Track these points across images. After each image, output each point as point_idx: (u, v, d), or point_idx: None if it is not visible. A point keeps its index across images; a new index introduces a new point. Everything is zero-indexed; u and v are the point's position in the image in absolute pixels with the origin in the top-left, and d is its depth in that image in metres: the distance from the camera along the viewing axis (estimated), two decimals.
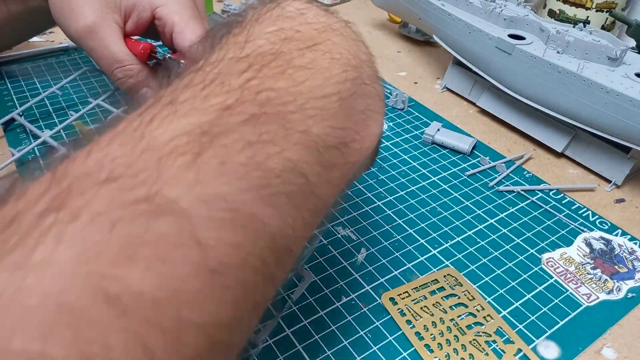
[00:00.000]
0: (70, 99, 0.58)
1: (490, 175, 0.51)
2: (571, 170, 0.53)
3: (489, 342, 0.35)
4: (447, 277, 0.40)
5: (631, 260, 0.43)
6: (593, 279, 0.41)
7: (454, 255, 0.42)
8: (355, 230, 0.44)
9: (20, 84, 0.60)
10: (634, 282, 0.41)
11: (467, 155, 0.53)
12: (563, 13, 0.71)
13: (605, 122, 0.47)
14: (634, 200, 0.49)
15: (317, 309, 0.37)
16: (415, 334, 0.35)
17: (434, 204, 0.47)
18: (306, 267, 0.40)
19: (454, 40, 0.59)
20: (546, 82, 0.50)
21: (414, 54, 0.73)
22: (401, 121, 0.58)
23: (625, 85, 0.46)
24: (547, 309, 0.38)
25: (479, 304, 0.38)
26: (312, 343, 0.35)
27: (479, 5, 0.57)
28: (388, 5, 0.71)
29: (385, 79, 0.66)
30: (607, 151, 0.51)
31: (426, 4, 0.61)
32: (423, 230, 0.44)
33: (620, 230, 0.46)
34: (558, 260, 0.42)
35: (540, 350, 0.35)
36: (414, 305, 0.37)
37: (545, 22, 0.54)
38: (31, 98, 0.57)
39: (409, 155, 0.53)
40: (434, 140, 0.54)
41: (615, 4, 0.69)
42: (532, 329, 0.37)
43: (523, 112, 0.57)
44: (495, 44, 0.54)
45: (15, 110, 0.55)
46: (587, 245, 0.44)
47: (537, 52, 0.51)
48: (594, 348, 0.36)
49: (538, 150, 0.55)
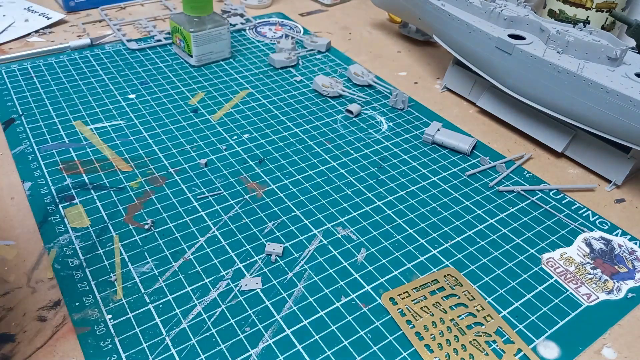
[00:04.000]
0: (70, 98, 0.58)
1: (490, 175, 0.51)
2: (571, 170, 0.53)
3: (489, 342, 0.35)
4: (447, 277, 0.40)
5: (631, 260, 0.43)
6: (593, 279, 0.41)
7: (454, 255, 0.42)
8: (355, 230, 0.44)
9: (20, 84, 0.60)
10: (634, 282, 0.41)
11: (467, 155, 0.53)
12: (563, 13, 0.71)
13: (605, 122, 0.47)
14: (634, 200, 0.49)
15: (317, 309, 0.37)
16: (415, 334, 0.35)
17: (434, 204, 0.47)
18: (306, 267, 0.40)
19: (454, 40, 0.59)
20: (546, 82, 0.50)
21: (414, 54, 0.73)
22: (401, 121, 0.58)
23: (625, 85, 0.46)
24: (547, 309, 0.38)
25: (479, 304, 0.38)
26: (312, 343, 0.35)
27: (479, 5, 0.57)
28: (388, 5, 0.71)
29: (385, 79, 0.66)
30: (607, 151, 0.51)
31: (426, 4, 0.61)
32: (423, 230, 0.44)
33: (620, 230, 0.46)
34: (558, 260, 0.42)
35: (540, 350, 0.35)
36: (414, 305, 0.37)
37: (545, 22, 0.54)
38: (31, 98, 0.57)
39: (409, 155, 0.53)
40: (434, 140, 0.54)
41: (615, 4, 0.69)
42: (532, 329, 0.37)
43: (523, 112, 0.57)
44: (495, 44, 0.54)
45: (15, 110, 0.55)
46: (587, 245, 0.44)
47: (537, 52, 0.51)
48: (594, 348, 0.36)
49: (538, 150, 0.55)
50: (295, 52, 0.70)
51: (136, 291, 0.38)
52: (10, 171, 0.48)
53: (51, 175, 0.47)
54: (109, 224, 0.43)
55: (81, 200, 0.45)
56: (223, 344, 0.34)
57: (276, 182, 0.48)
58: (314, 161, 0.51)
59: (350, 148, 0.53)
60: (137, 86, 0.61)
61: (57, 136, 0.52)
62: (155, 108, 0.57)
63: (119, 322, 0.35)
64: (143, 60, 0.66)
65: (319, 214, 0.45)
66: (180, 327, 0.35)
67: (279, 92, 0.62)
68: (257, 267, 0.40)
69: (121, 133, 0.53)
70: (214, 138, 0.54)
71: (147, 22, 0.76)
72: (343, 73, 0.67)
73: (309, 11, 0.84)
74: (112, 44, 0.70)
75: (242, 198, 0.46)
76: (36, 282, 0.38)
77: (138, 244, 0.41)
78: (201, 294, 0.38)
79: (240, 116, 0.57)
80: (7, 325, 0.35)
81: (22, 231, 0.42)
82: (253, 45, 0.72)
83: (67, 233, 0.42)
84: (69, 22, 0.75)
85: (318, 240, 0.43)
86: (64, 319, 0.36)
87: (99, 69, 0.64)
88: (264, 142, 0.54)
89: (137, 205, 0.45)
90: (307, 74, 0.66)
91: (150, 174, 0.48)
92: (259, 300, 0.38)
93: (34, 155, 0.49)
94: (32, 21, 0.73)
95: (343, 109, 0.59)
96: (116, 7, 0.80)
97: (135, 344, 0.34)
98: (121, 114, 0.56)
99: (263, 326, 0.36)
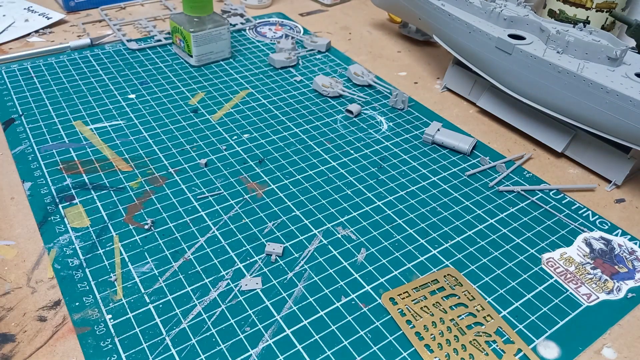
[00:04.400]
0: (70, 98, 0.58)
1: (490, 175, 0.51)
2: (571, 170, 0.53)
3: (489, 342, 0.35)
4: (447, 277, 0.40)
5: (631, 260, 0.43)
6: (593, 279, 0.41)
7: (454, 255, 0.42)
8: (355, 230, 0.44)
9: (20, 84, 0.60)
10: (634, 282, 0.41)
11: (467, 155, 0.53)
12: (563, 13, 0.71)
13: (605, 122, 0.47)
14: (634, 200, 0.49)
15: (317, 309, 0.37)
16: (415, 334, 0.35)
17: (434, 204, 0.47)
18: (306, 267, 0.40)
19: (454, 40, 0.59)
20: (546, 82, 0.50)
21: (414, 54, 0.73)
22: (401, 121, 0.58)
23: (625, 85, 0.46)
24: (547, 309, 0.38)
25: (479, 304, 0.38)
26: (312, 343, 0.35)
27: (479, 5, 0.57)
28: (388, 5, 0.71)
29: (385, 79, 0.66)
30: (607, 151, 0.51)
31: (426, 4, 0.61)
32: (423, 230, 0.44)
33: (620, 230, 0.46)
34: (558, 260, 0.42)
35: (540, 350, 0.35)
36: (414, 305, 0.37)
37: (545, 22, 0.54)
38: (31, 98, 0.57)
39: (409, 155, 0.53)
40: (434, 140, 0.54)
41: (615, 4, 0.69)
42: (532, 329, 0.37)
43: (523, 112, 0.57)
44: (495, 44, 0.54)
45: (15, 110, 0.55)
46: (587, 245, 0.44)
47: (537, 52, 0.51)
48: (594, 348, 0.36)
49: (538, 150, 0.55)
50: (295, 52, 0.70)
51: (136, 291, 0.38)
52: (10, 171, 0.48)
53: (51, 175, 0.47)
54: (109, 224, 0.43)
55: (81, 200, 0.45)
56: (223, 344, 0.34)
57: (276, 182, 0.48)
58: (314, 161, 0.51)
59: (350, 148, 0.53)
60: (137, 86, 0.61)
61: (57, 136, 0.52)
62: (155, 108, 0.57)
63: (119, 322, 0.35)
64: (143, 60, 0.66)
65: (319, 214, 0.45)
66: (180, 327, 0.35)
67: (279, 92, 0.62)
68: (257, 267, 0.40)
69: (121, 133, 0.53)
70: (214, 138, 0.54)
71: (147, 22, 0.76)
72: (343, 73, 0.67)
73: (309, 11, 0.84)
74: (112, 44, 0.70)
75: (242, 198, 0.46)
76: (36, 282, 0.38)
77: (138, 244, 0.41)
78: (201, 294, 0.38)
79: (240, 116, 0.57)
80: (7, 325, 0.35)
81: (22, 231, 0.42)
82: (253, 45, 0.72)
83: (67, 233, 0.42)
84: (69, 22, 0.75)
85: (318, 240, 0.43)
86: (64, 319, 0.36)
87: (99, 69, 0.64)
88: (264, 142, 0.54)
89: (137, 205, 0.45)
90: (307, 74, 0.66)
91: (150, 174, 0.48)
92: (259, 300, 0.38)
93: (34, 155, 0.49)
94: (32, 21, 0.73)
95: (343, 109, 0.59)
96: (116, 7, 0.80)
97: (135, 344, 0.34)
98: (121, 114, 0.56)
99: (263, 326, 0.36)
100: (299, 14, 0.83)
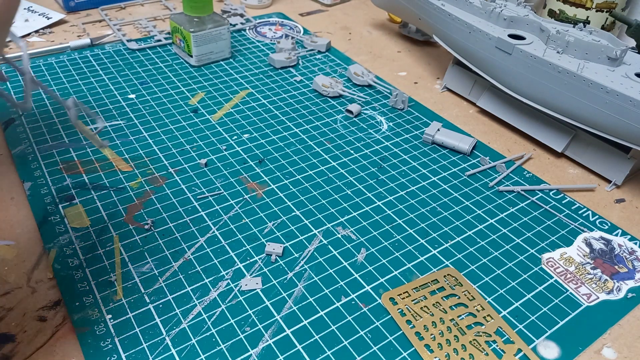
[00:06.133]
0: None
1: (490, 175, 0.51)
2: (571, 170, 0.53)
3: (489, 342, 0.35)
4: (447, 277, 0.40)
5: (631, 260, 0.43)
6: (593, 279, 0.41)
7: (454, 255, 0.42)
8: (355, 230, 0.44)
9: (20, 84, 0.60)
10: (634, 282, 0.41)
11: (467, 155, 0.53)
12: (563, 13, 0.71)
13: (605, 122, 0.47)
14: (634, 200, 0.49)
15: (317, 309, 0.37)
16: (415, 334, 0.35)
17: (434, 204, 0.47)
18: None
19: (454, 40, 0.59)
20: (546, 82, 0.50)
21: (414, 54, 0.73)
22: (401, 121, 0.58)
23: (625, 85, 0.46)
24: (547, 309, 0.38)
25: (479, 304, 0.38)
26: (312, 343, 0.35)
27: (479, 5, 0.57)
28: (388, 5, 0.71)
29: (385, 79, 0.66)
30: (607, 151, 0.51)
31: (426, 4, 0.61)
32: (423, 230, 0.44)
33: (620, 230, 0.46)
34: (558, 260, 0.42)
35: (540, 350, 0.35)
36: (414, 305, 0.37)
37: (545, 22, 0.54)
38: (31, 98, 0.57)
39: (409, 155, 0.53)
40: (434, 140, 0.54)
41: (615, 4, 0.69)
42: (532, 329, 0.37)
43: (523, 112, 0.57)
44: (495, 44, 0.54)
45: (15, 110, 0.55)
46: (587, 245, 0.44)
47: (537, 52, 0.51)
48: (594, 348, 0.36)
49: (538, 150, 0.55)
50: (295, 52, 0.70)
51: (136, 291, 0.38)
52: (10, 171, 0.48)
53: (51, 175, 0.47)
54: (109, 224, 0.43)
55: (81, 200, 0.45)
56: (223, 344, 0.34)
57: (276, 182, 0.48)
58: (314, 161, 0.51)
59: (350, 148, 0.53)
60: (137, 86, 0.61)
61: (57, 136, 0.52)
62: (155, 108, 0.57)
63: (119, 322, 0.35)
64: (143, 60, 0.66)
65: (319, 214, 0.45)
66: (180, 327, 0.35)
67: (279, 92, 0.62)
68: (257, 267, 0.40)
69: (121, 133, 0.53)
70: (214, 138, 0.53)
71: (147, 22, 0.76)
72: (343, 73, 0.67)
73: (309, 11, 0.84)
74: (112, 44, 0.70)
75: (242, 198, 0.46)
76: (36, 282, 0.38)
77: (138, 244, 0.41)
78: (201, 294, 0.38)
79: (240, 116, 0.57)
80: (7, 325, 0.35)
81: (22, 231, 0.42)
82: (253, 45, 0.72)
83: (67, 233, 0.42)
84: (69, 22, 0.75)
85: (318, 240, 0.43)
86: (64, 319, 0.36)
87: (99, 69, 0.64)
88: (264, 142, 0.54)
89: (137, 205, 0.45)
90: (307, 74, 0.66)
91: (150, 174, 0.48)
92: (259, 300, 0.38)
93: (34, 155, 0.49)
94: (32, 21, 0.73)
95: (343, 109, 0.59)
96: (116, 7, 0.80)
97: (135, 344, 0.34)
98: (121, 114, 0.56)
99: (263, 326, 0.36)
100: (299, 14, 0.83)
